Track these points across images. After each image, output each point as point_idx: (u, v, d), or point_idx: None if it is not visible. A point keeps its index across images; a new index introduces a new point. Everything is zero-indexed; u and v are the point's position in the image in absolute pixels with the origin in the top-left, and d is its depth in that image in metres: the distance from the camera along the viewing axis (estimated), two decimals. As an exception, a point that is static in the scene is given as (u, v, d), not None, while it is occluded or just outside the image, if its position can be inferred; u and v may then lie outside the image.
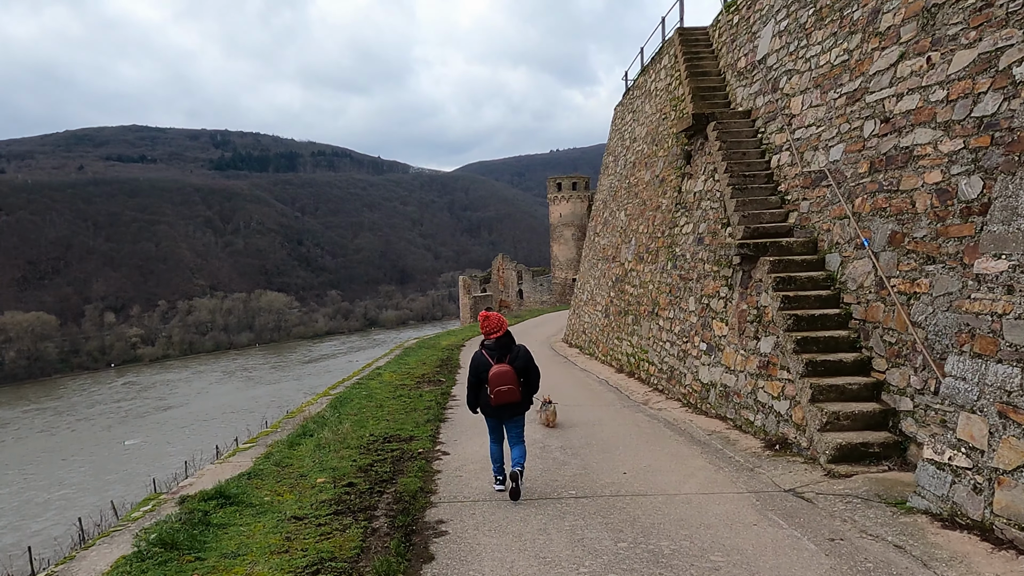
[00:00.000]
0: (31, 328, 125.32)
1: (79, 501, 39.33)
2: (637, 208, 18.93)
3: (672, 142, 16.36)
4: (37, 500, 42.57)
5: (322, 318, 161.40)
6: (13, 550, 30.64)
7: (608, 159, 25.65)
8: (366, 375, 16.83)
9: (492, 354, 6.74)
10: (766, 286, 9.42)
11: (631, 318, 17.24)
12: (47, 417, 77.78)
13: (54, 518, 36.93)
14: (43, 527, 35.14)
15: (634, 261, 18.06)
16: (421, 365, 19.23)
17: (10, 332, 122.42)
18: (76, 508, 35.29)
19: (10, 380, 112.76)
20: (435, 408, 11.49)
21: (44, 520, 37.38)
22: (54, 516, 37.51)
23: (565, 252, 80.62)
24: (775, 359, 8.92)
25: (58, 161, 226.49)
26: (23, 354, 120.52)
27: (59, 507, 39.66)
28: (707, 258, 12.22)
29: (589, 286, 24.73)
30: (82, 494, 42.12)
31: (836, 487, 6.45)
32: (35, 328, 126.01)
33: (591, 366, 19.13)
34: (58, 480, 47.23)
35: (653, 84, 19.76)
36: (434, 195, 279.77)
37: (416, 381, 15.50)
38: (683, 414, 10.95)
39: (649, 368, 14.69)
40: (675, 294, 13.78)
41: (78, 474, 48.69)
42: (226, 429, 48.35)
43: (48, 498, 42.71)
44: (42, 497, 43.01)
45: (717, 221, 12.15)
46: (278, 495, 6.50)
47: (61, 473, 49.43)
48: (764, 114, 12.58)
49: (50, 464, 52.85)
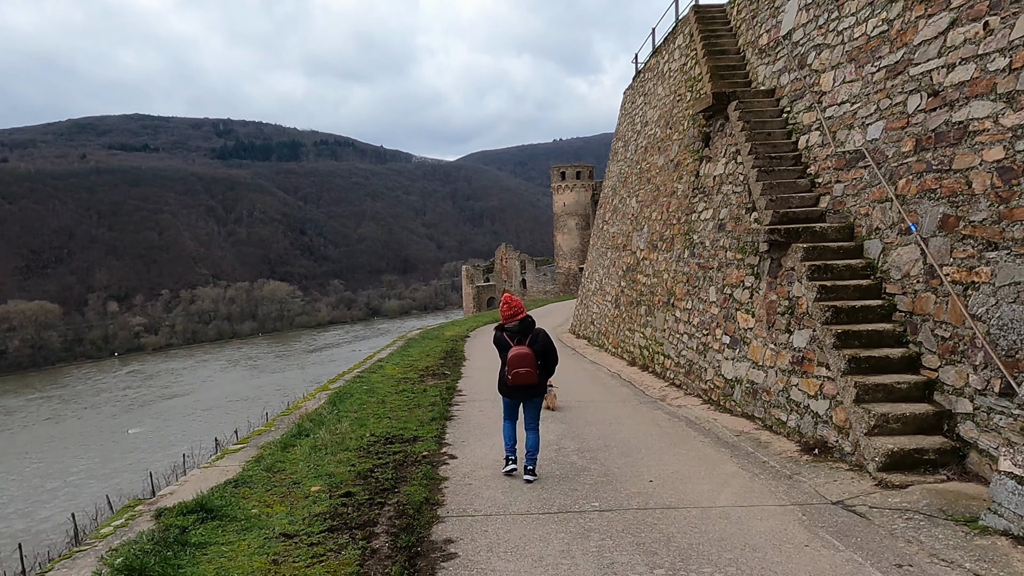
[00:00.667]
0: (35, 317, 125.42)
1: (87, 488, 40.07)
2: (650, 194, 18.17)
3: (688, 124, 15.59)
4: (46, 487, 43.16)
5: (325, 307, 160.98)
6: (23, 536, 31.30)
7: (617, 144, 24.86)
8: (367, 368, 16.13)
9: (513, 336, 6.92)
10: (799, 275, 8.70)
11: (644, 309, 16.52)
12: (53, 405, 78.27)
13: (62, 504, 37.50)
14: (51, 513, 35.79)
15: (647, 249, 17.32)
16: (425, 357, 18.54)
17: (14, 321, 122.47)
18: (84, 496, 36.44)
19: (14, 368, 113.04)
20: (440, 405, 10.80)
21: (52, 507, 37.98)
22: (62, 503, 38.09)
23: (569, 241, 79.89)
24: (811, 354, 8.20)
25: (61, 150, 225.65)
26: (27, 343, 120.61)
27: (68, 494, 40.32)
28: (729, 245, 11.48)
29: (598, 276, 24.00)
30: (90, 481, 42.77)
31: (891, 500, 5.76)
32: (39, 317, 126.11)
33: (601, 358, 18.44)
34: (65, 467, 47.69)
35: (666, 65, 18.96)
36: (437, 184, 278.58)
37: (420, 374, 14.81)
38: (705, 412, 10.26)
39: (665, 362, 13.99)
40: (693, 284, 13.06)
41: (85, 462, 49.07)
42: (230, 418, 48.96)
43: (56, 485, 43.28)
44: (50, 484, 43.63)
45: (740, 206, 11.41)
46: (267, 507, 5.83)
47: (69, 460, 49.88)
48: (790, 93, 11.81)
49: (57, 452, 53.34)
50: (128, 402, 76.64)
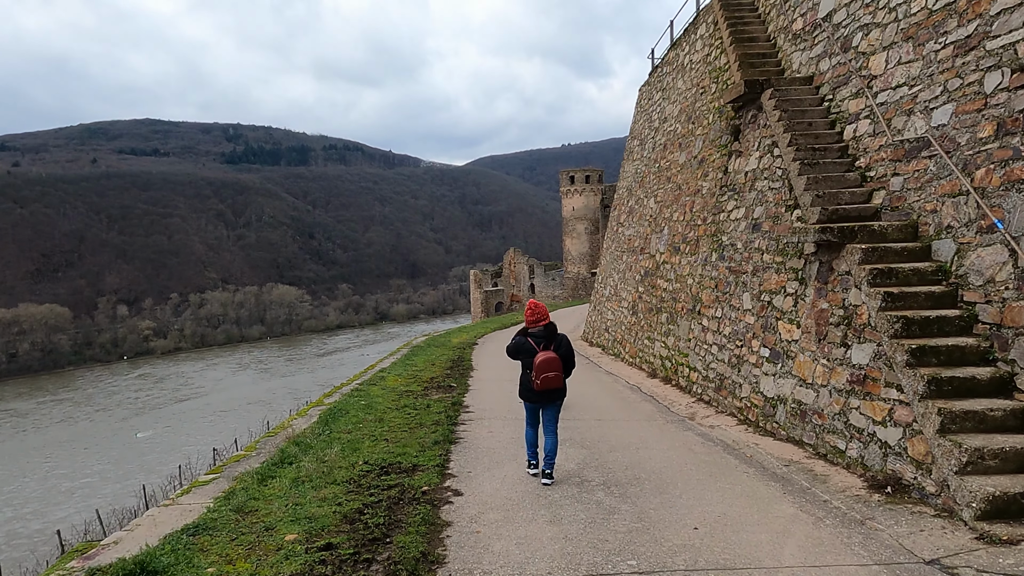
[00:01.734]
0: (45, 320, 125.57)
1: (102, 489, 40.76)
2: (670, 194, 17.04)
3: (714, 117, 14.47)
4: (60, 488, 43.79)
5: (333, 312, 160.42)
6: (39, 536, 32.18)
7: (632, 143, 23.76)
8: (368, 379, 15.00)
9: (539, 341, 6.96)
10: (857, 280, 7.56)
11: (665, 316, 15.37)
12: (65, 408, 78.36)
13: (77, 505, 38.20)
14: (67, 514, 36.10)
15: (667, 252, 16.18)
16: (430, 367, 17.44)
17: (24, 324, 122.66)
18: (99, 497, 37.04)
19: (24, 372, 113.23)
20: (445, 425, 9.70)
21: (67, 508, 38.52)
22: (78, 503, 38.72)
23: (578, 246, 79.02)
24: (875, 372, 7.05)
25: (72, 154, 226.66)
26: (37, 346, 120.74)
27: (82, 495, 40.94)
28: (767, 247, 10.34)
29: (612, 280, 22.87)
30: (104, 482, 43.29)
31: (1003, 561, 4.60)
32: (49, 320, 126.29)
33: (618, 369, 17.30)
34: (80, 469, 48.14)
35: (687, 57, 17.85)
36: (445, 189, 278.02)
37: (423, 387, 13.71)
38: (743, 434, 9.10)
39: (691, 375, 12.83)
40: (723, 290, 11.91)
41: (100, 463, 49.56)
42: (240, 421, 49.13)
43: (71, 486, 43.95)
44: (65, 485, 44.36)
45: (779, 203, 10.27)
46: (228, 563, 4.74)
47: (83, 462, 50.28)
48: (831, 79, 10.68)
49: (71, 454, 53.59)
50: (140, 405, 76.67)
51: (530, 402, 7.14)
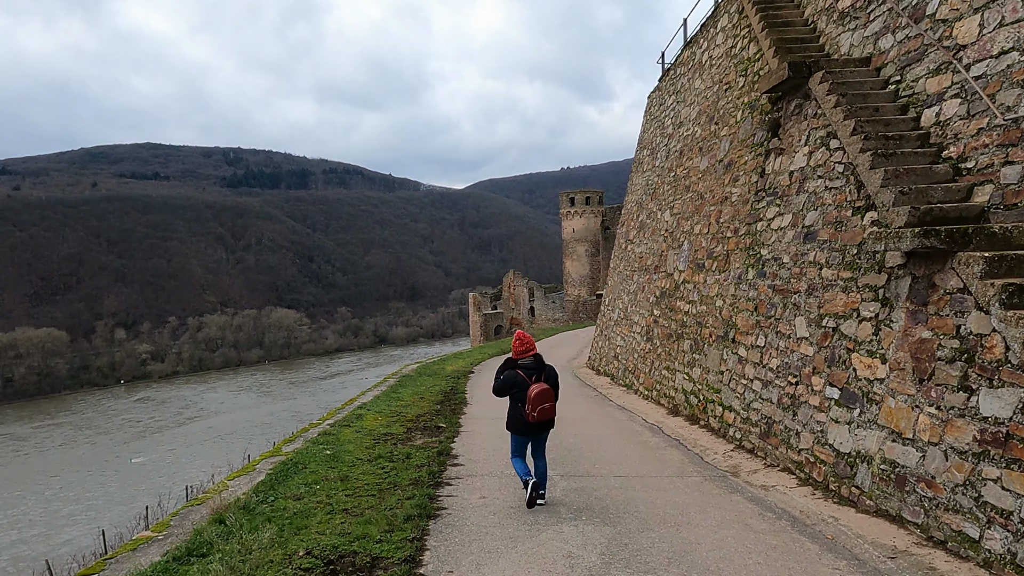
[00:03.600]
0: (41, 344, 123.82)
1: (106, 512, 40.49)
2: (690, 204, 15.09)
3: (743, 114, 12.56)
4: (63, 511, 43.56)
5: (332, 335, 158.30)
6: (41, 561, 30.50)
7: (642, 154, 21.90)
8: (342, 417, 12.82)
9: (530, 373, 6.90)
10: (983, 301, 5.53)
11: (688, 344, 13.32)
12: (66, 431, 77.25)
13: (83, 528, 38.13)
14: (71, 537, 36.13)
15: (688, 270, 14.18)
16: (417, 401, 15.31)
17: (21, 348, 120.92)
18: (102, 520, 36.25)
19: (20, 396, 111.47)
20: (425, 485, 7.60)
21: (72, 531, 38.51)
22: (83, 527, 38.54)
23: (578, 268, 77.50)
24: (1022, 430, 5.00)
25: (72, 178, 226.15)
26: (33, 370, 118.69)
27: (88, 517, 40.93)
28: (827, 260, 8.32)
29: (621, 303, 20.88)
30: (109, 505, 43.08)
31: None
32: (45, 344, 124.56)
33: (632, 403, 15.21)
34: (83, 493, 47.82)
35: (705, 54, 16.02)
36: (445, 212, 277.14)
37: (406, 429, 11.62)
38: (812, 502, 7.00)
39: (725, 414, 10.73)
40: (766, 313, 9.87)
41: (103, 486, 49.34)
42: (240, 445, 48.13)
43: (75, 509, 43.79)
44: (68, 508, 44.20)
45: (842, 205, 8.28)
46: None
47: (86, 485, 49.97)
48: (897, 57, 8.76)
49: (74, 477, 53.20)
50: (142, 428, 75.42)
51: (521, 435, 7.03)
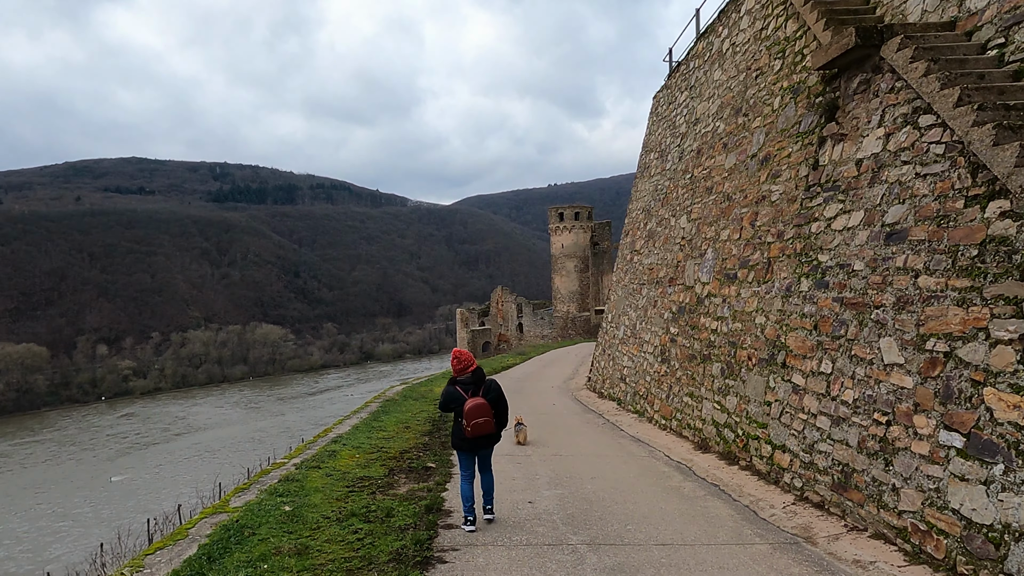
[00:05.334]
0: (21, 360, 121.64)
1: (93, 528, 40.05)
2: (713, 208, 13.34)
3: (785, 100, 10.83)
4: (52, 528, 43.33)
5: (317, 351, 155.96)
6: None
7: (649, 158, 20.21)
8: (312, 455, 10.75)
9: (467, 388, 7.16)
10: None
11: (718, 367, 11.50)
12: (49, 448, 76.06)
13: (71, 545, 37.76)
14: (59, 553, 36.02)
15: (715, 282, 12.40)
16: (402, 431, 13.32)
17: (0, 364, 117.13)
18: (91, 537, 36.15)
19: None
20: (410, 562, 5.71)
21: (59, 548, 38.42)
22: (71, 544, 38.52)
23: (567, 284, 76.32)
24: None
25: (56, 192, 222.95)
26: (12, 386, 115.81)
27: (76, 534, 40.74)
28: (928, 265, 6.55)
29: (628, 319, 19.07)
30: (96, 521, 42.61)
31: None
32: (25, 360, 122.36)
33: (647, 434, 13.38)
34: (70, 509, 47.46)
35: (726, 42, 14.34)
36: (432, 228, 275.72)
37: (388, 469, 9.67)
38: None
39: (776, 456, 8.88)
40: (831, 332, 8.07)
41: (89, 503, 48.83)
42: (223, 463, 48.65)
43: (62, 525, 43.54)
44: (56, 525, 43.97)
45: (947, 195, 6.50)
46: None
47: (72, 501, 49.54)
48: (996, 17, 7.07)
49: (60, 493, 52.53)
50: (128, 444, 74.25)
51: (463, 451, 7.17)
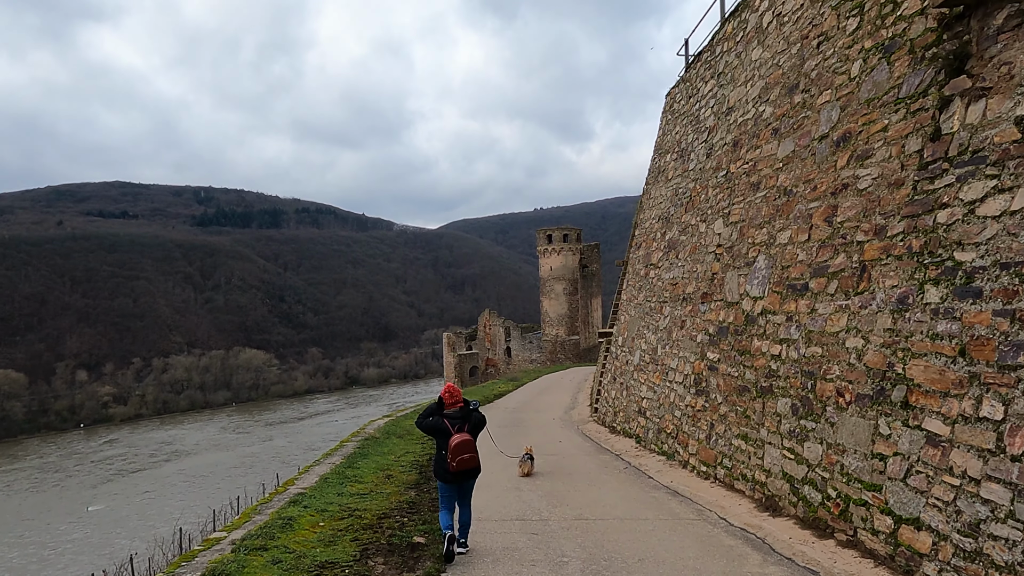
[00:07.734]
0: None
1: (79, 557, 40.28)
2: (763, 206, 10.96)
3: (874, 61, 8.46)
4: (40, 555, 43.20)
5: (302, 376, 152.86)
6: None
7: (664, 160, 17.96)
8: (259, 525, 7.98)
9: (454, 423, 7.15)
10: None
11: (787, 404, 9.02)
12: (32, 475, 74.90)
13: (59, 572, 38.11)
14: None
15: (773, 296, 9.96)
16: (382, 483, 10.63)
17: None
18: (80, 565, 36.30)
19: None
20: None
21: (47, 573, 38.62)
22: (59, 571, 38.63)
23: (556, 307, 74.59)
24: None
25: (37, 216, 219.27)
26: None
27: (63, 562, 40.83)
28: None
29: (646, 342, 16.64)
30: (86, 548, 42.90)
31: None
32: (2, 387, 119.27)
33: (684, 483, 10.86)
34: (57, 536, 47.21)
35: (766, 16, 12.03)
36: (418, 252, 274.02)
37: (361, 548, 7.06)
38: None
39: (905, 534, 6.33)
40: (995, 359, 5.60)
41: (76, 531, 48.57)
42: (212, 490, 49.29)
43: (50, 553, 43.40)
44: (43, 553, 43.79)
45: None
46: None
47: (61, 528, 49.26)
48: None
49: (46, 521, 52.26)
50: (113, 471, 73.04)
51: (446, 483, 7.12)
